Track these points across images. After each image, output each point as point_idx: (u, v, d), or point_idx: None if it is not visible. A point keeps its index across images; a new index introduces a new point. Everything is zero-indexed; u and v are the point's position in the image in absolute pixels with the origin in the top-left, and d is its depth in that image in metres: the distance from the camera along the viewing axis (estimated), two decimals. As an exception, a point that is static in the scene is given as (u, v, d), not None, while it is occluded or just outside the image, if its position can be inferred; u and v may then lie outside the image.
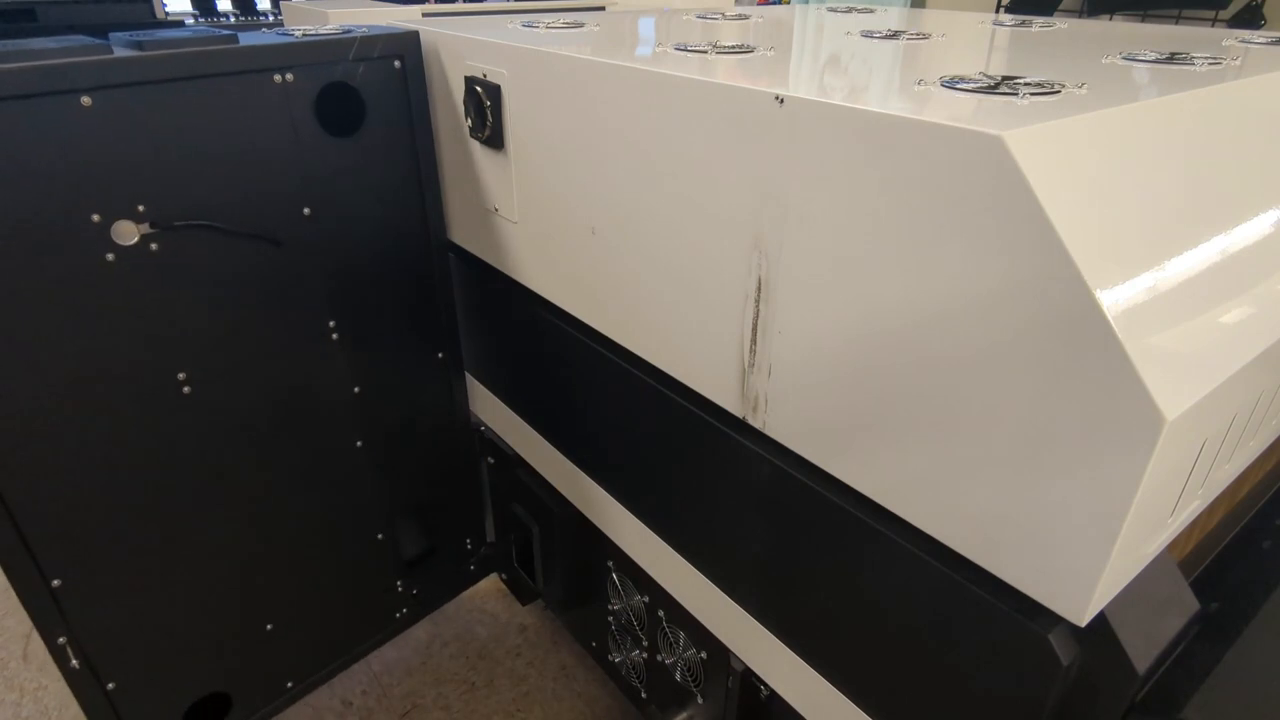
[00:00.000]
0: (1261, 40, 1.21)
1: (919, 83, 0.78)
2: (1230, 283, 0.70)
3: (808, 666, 0.97)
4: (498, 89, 1.12)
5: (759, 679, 1.11)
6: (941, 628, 0.77)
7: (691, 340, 0.95)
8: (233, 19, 3.42)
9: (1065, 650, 0.67)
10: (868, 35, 1.18)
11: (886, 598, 0.83)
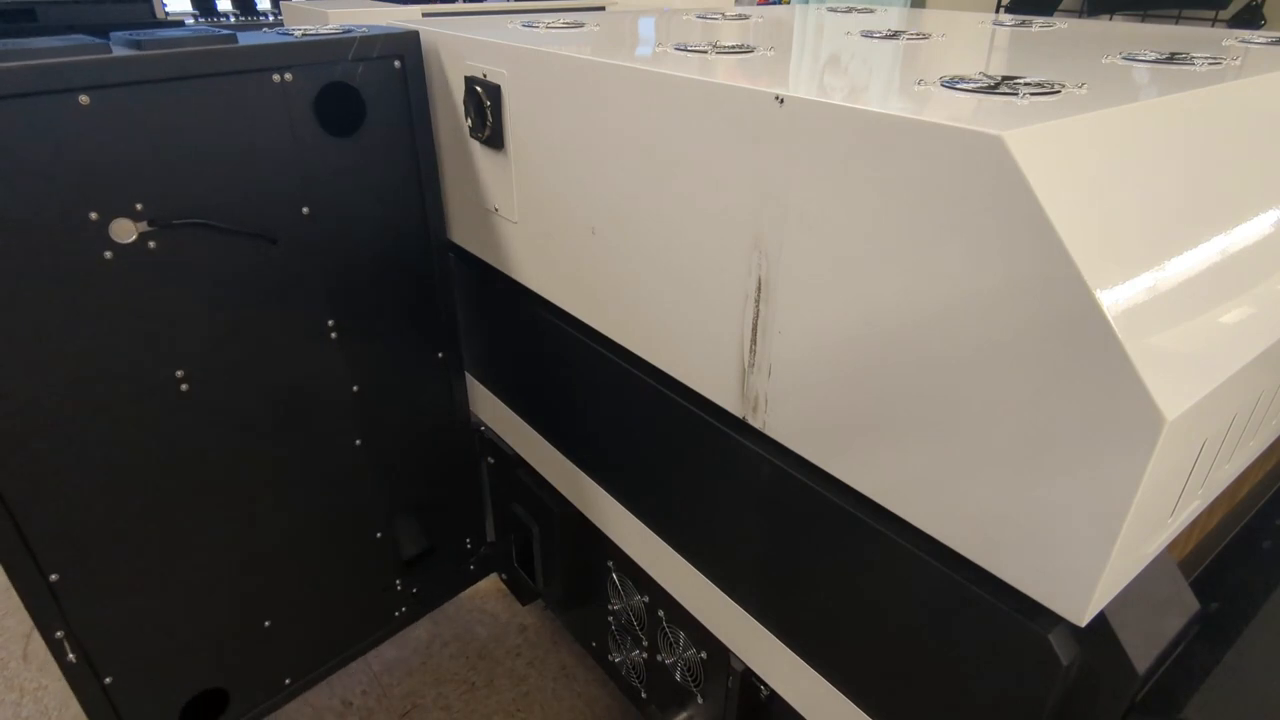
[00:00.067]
0: (1261, 40, 1.21)
1: (919, 83, 0.78)
2: (1230, 283, 0.70)
3: (808, 666, 0.97)
4: (498, 89, 1.12)
5: (759, 679, 1.11)
6: (941, 628, 0.77)
7: (691, 340, 0.95)
8: (233, 19, 3.42)
9: (1065, 650, 0.67)
10: (868, 35, 1.18)
11: (886, 598, 0.83)
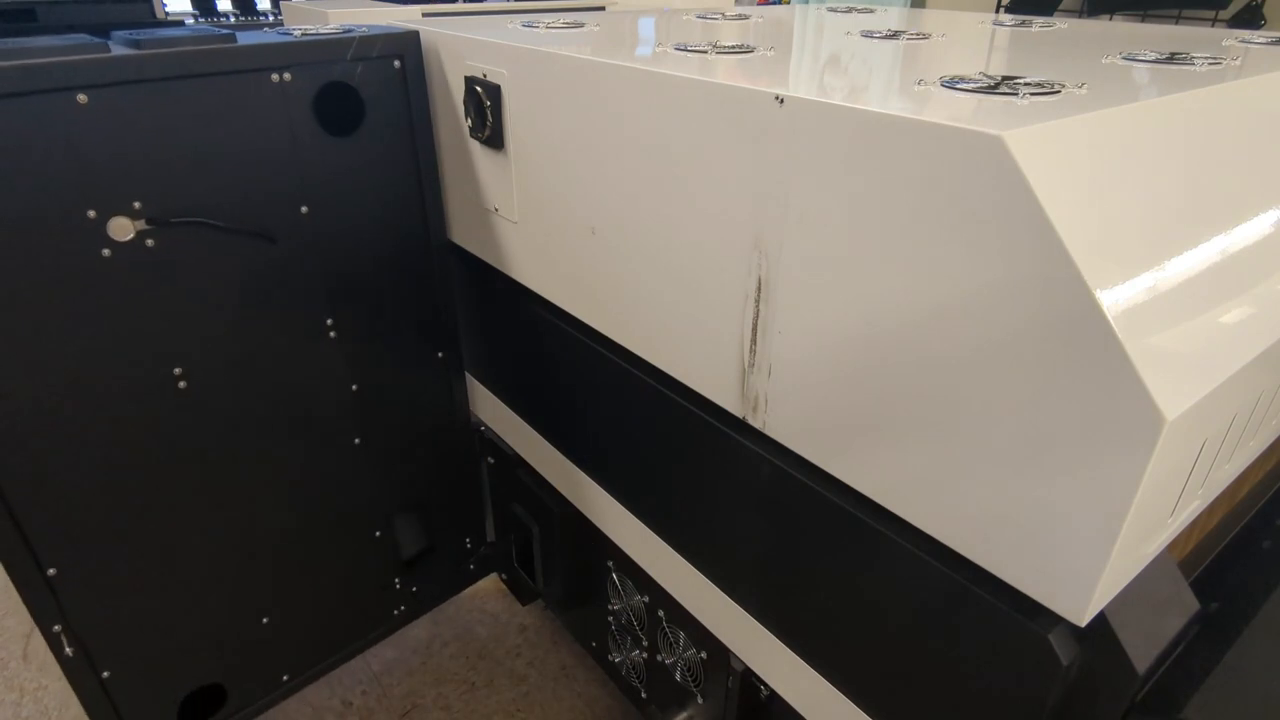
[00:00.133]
0: (1261, 40, 1.21)
1: (919, 83, 0.78)
2: (1230, 283, 0.70)
3: (808, 666, 0.97)
4: (498, 89, 1.12)
5: (759, 679, 1.10)
6: (941, 628, 0.77)
7: (691, 340, 0.95)
8: (233, 19, 3.42)
9: (1065, 650, 0.67)
10: (868, 35, 1.18)
11: (886, 598, 0.83)
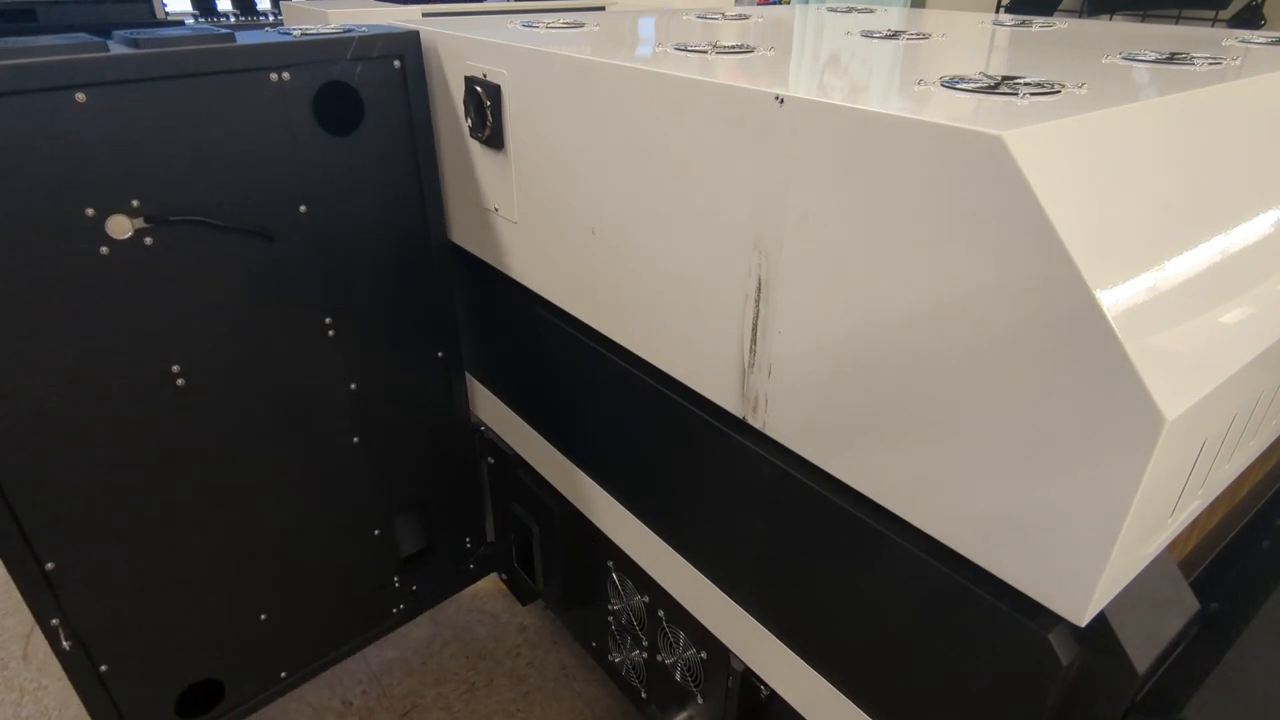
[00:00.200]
0: (1261, 40, 1.21)
1: (919, 83, 0.78)
2: (1230, 283, 0.70)
3: (808, 666, 0.97)
4: (498, 89, 1.12)
5: (759, 679, 1.10)
6: (941, 628, 0.77)
7: (691, 340, 0.95)
8: (233, 19, 3.42)
9: (1065, 650, 0.67)
10: (868, 35, 1.18)
11: (886, 598, 0.83)
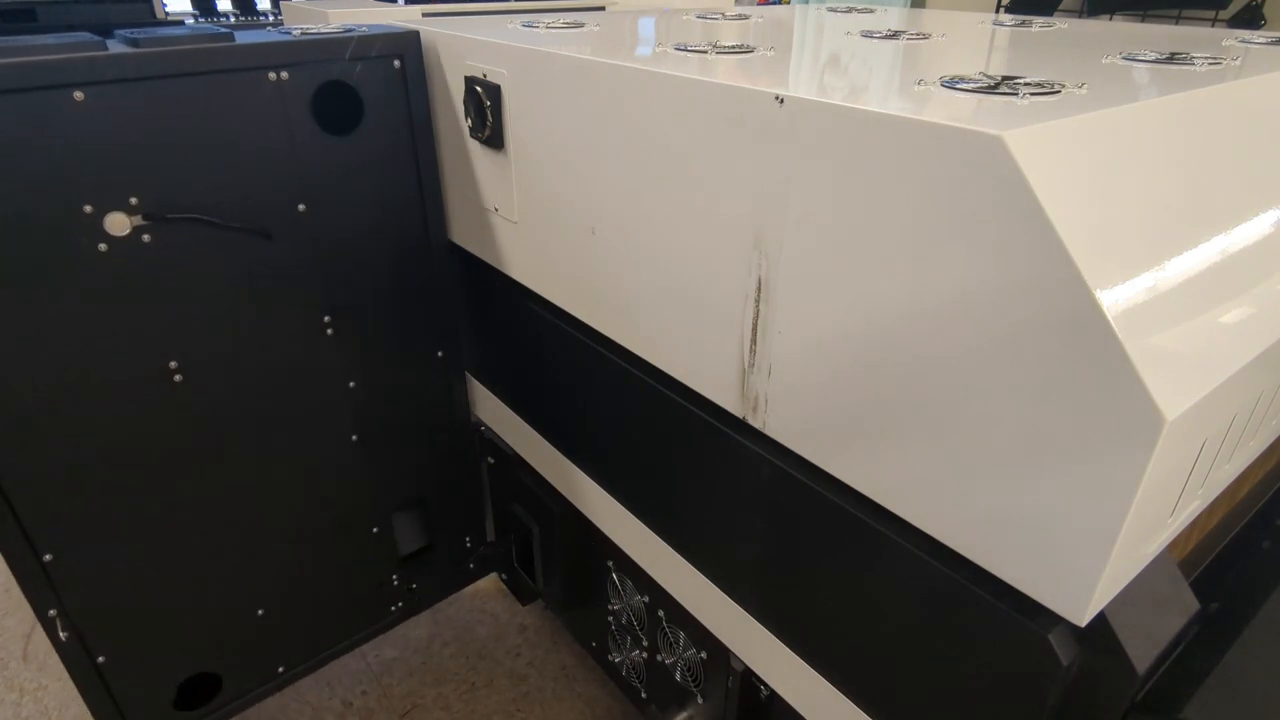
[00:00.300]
0: (1261, 40, 1.21)
1: (919, 83, 0.78)
2: (1230, 283, 0.70)
3: (808, 666, 0.97)
4: (498, 89, 1.12)
5: (759, 679, 1.10)
6: (941, 628, 0.77)
7: (691, 340, 0.95)
8: (233, 19, 3.42)
9: (1065, 650, 0.67)
10: (868, 35, 1.18)
11: (886, 598, 0.83)
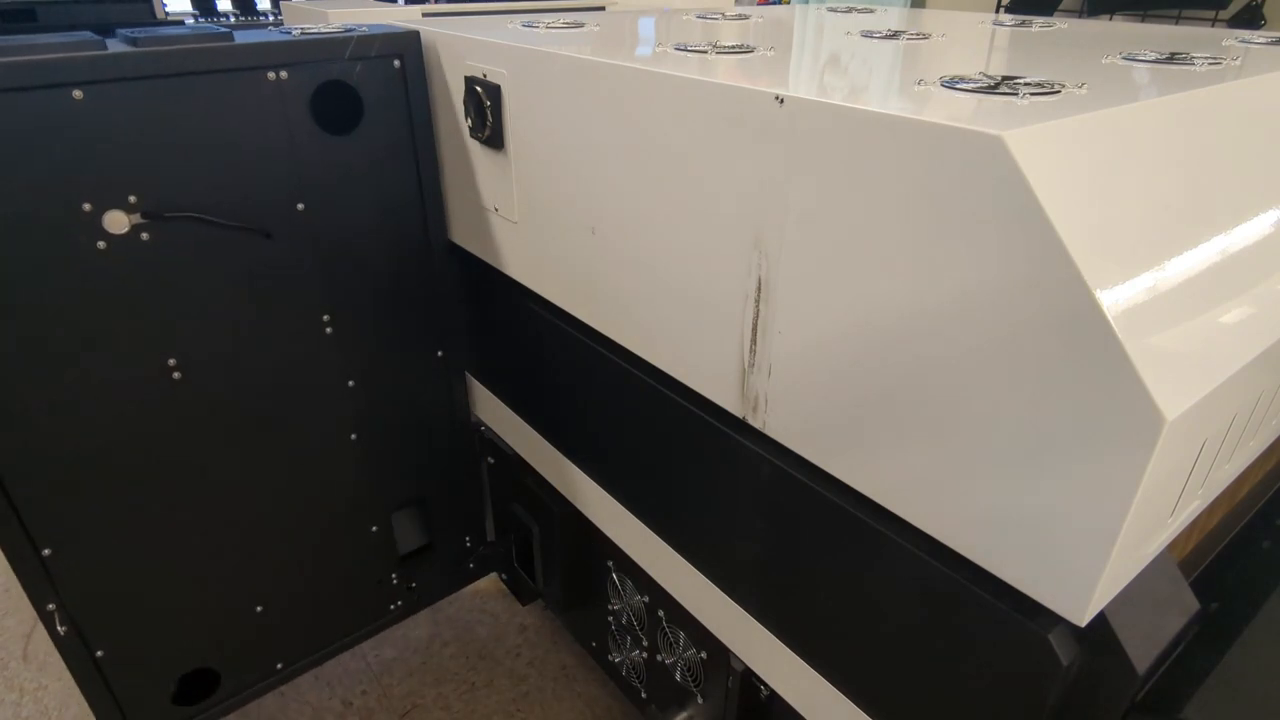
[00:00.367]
0: (1261, 40, 1.21)
1: (919, 83, 0.78)
2: (1230, 283, 0.70)
3: (808, 666, 0.97)
4: (498, 89, 1.12)
5: (759, 679, 1.10)
6: (941, 628, 0.77)
7: (691, 340, 0.95)
8: (233, 19, 3.42)
9: (1065, 650, 0.67)
10: (868, 35, 1.18)
11: (886, 598, 0.83)
